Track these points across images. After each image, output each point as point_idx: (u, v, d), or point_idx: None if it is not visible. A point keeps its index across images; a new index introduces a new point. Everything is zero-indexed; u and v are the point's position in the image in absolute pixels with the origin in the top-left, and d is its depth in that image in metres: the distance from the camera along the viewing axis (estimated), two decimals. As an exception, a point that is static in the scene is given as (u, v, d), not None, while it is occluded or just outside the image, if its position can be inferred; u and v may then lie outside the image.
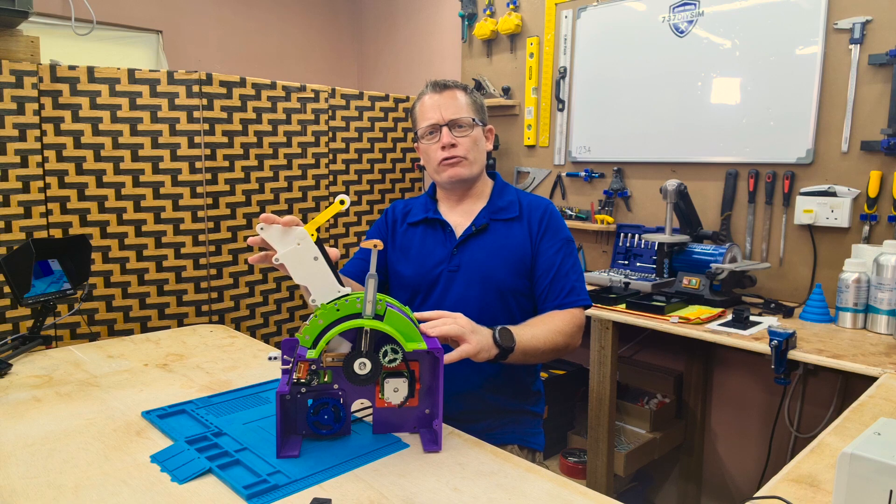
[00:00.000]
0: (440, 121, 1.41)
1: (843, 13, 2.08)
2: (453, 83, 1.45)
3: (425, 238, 1.48)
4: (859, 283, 1.85)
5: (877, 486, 0.67)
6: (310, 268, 1.04)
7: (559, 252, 1.41)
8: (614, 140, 2.72)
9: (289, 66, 3.73)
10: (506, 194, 1.49)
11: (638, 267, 2.50)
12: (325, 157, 2.86)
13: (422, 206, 1.53)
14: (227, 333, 1.81)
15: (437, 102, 1.42)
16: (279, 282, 2.74)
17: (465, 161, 1.42)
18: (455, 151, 1.41)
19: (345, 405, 1.09)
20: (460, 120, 1.41)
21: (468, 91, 1.47)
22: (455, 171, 1.42)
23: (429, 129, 1.43)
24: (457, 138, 1.41)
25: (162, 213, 2.38)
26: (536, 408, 1.51)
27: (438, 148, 1.41)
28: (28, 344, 1.60)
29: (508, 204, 1.46)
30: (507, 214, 1.45)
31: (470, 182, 1.46)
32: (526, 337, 1.23)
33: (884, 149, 2.00)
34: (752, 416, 2.42)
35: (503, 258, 1.41)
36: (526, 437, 1.48)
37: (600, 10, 2.72)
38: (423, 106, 1.45)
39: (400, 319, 1.03)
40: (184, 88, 2.37)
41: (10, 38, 2.12)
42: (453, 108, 1.41)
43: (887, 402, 1.29)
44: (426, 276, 1.45)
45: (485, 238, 1.43)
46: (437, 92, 1.43)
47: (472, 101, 1.46)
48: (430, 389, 1.09)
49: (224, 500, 0.91)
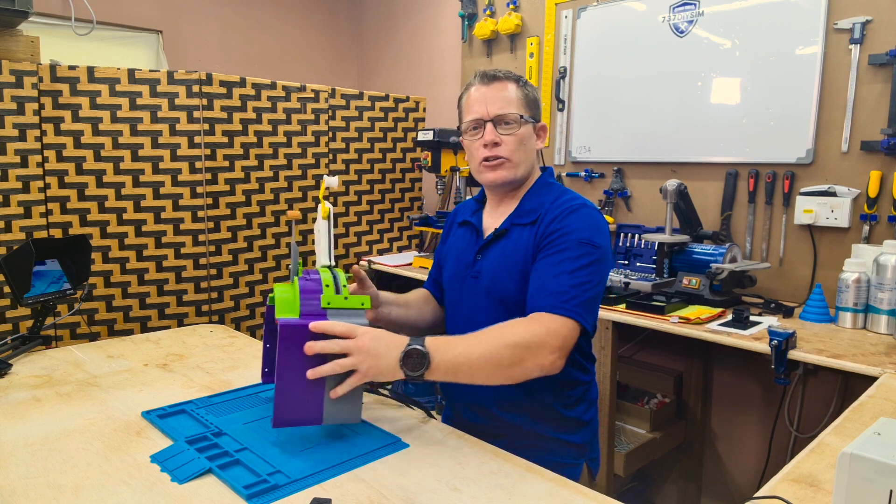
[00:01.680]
0: (485, 115, 1.27)
1: (843, 13, 2.08)
2: (505, 74, 1.30)
3: (463, 240, 1.40)
4: (859, 283, 1.85)
5: (877, 486, 0.67)
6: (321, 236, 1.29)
7: (561, 251, 1.19)
8: (614, 140, 2.72)
9: (289, 66, 3.73)
10: (541, 195, 1.31)
11: (638, 267, 2.50)
12: (325, 157, 2.86)
13: (470, 207, 1.45)
14: (227, 333, 1.81)
15: (484, 95, 1.28)
16: (279, 282, 2.74)
17: (508, 163, 1.28)
18: (498, 151, 1.27)
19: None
20: (507, 116, 1.26)
21: (521, 83, 1.31)
22: (496, 175, 1.29)
23: (472, 124, 1.29)
24: (501, 136, 1.27)
25: (162, 213, 2.38)
26: (575, 437, 1.30)
27: (481, 146, 1.28)
28: (28, 344, 1.60)
29: (536, 206, 1.29)
30: (528, 219, 1.28)
31: (514, 184, 1.32)
32: (452, 355, 1.05)
33: (884, 149, 2.00)
34: (752, 416, 2.42)
35: (510, 267, 1.27)
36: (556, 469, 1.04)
37: (600, 10, 2.72)
38: (470, 98, 1.31)
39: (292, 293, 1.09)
40: (184, 88, 2.37)
41: (10, 38, 2.12)
42: (501, 101, 1.27)
43: (887, 402, 1.29)
44: (456, 279, 1.38)
45: (501, 244, 1.30)
46: (485, 83, 1.29)
47: (524, 94, 1.30)
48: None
49: (224, 500, 0.90)
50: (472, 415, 1.34)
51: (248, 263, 2.62)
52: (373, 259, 2.98)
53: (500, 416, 1.30)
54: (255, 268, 2.65)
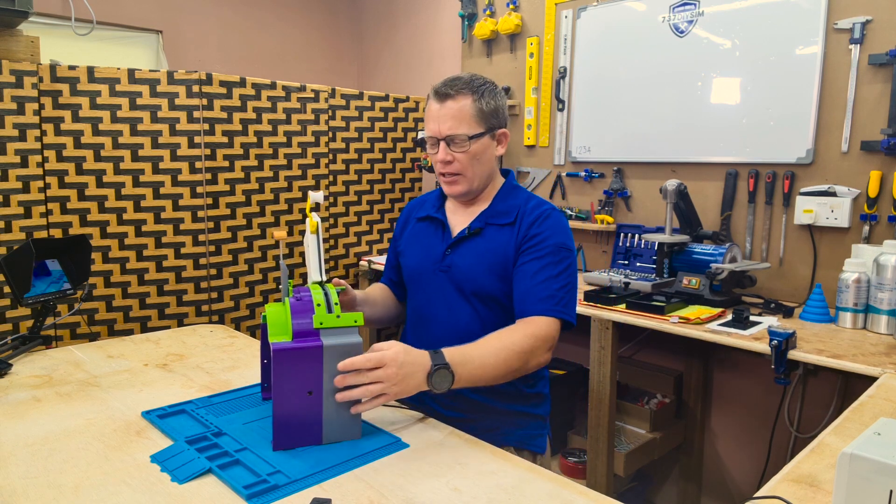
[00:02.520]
0: (437, 134, 1.35)
1: (843, 13, 2.08)
2: (458, 89, 1.34)
3: (427, 234, 1.49)
4: (859, 283, 1.85)
5: (877, 486, 0.67)
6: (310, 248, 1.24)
7: (544, 257, 1.32)
8: (614, 140, 2.72)
9: (289, 66, 3.73)
10: (511, 198, 1.42)
11: (638, 267, 2.50)
12: (325, 157, 2.86)
13: (431, 203, 1.53)
14: (227, 333, 1.81)
15: (437, 113, 1.34)
16: (279, 282, 2.74)
17: (463, 178, 1.37)
18: (451, 168, 1.36)
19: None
20: (456, 137, 1.33)
21: (477, 96, 1.35)
22: (452, 189, 1.40)
23: (430, 140, 1.38)
24: (454, 154, 1.35)
25: (162, 213, 2.38)
26: (538, 410, 1.48)
27: (437, 161, 1.38)
28: (28, 344, 1.60)
29: (509, 209, 1.40)
30: (504, 220, 1.39)
31: (472, 194, 1.42)
32: (471, 368, 1.14)
33: (884, 149, 2.00)
34: (752, 416, 2.42)
35: (488, 263, 1.36)
36: (526, 439, 1.44)
37: (600, 10, 2.72)
38: (428, 113, 1.38)
39: (279, 314, 1.08)
40: (184, 88, 2.37)
41: (10, 38, 2.12)
42: (451, 122, 1.33)
43: (887, 402, 1.29)
44: (423, 271, 1.45)
45: (476, 241, 1.40)
46: (438, 101, 1.35)
47: (479, 109, 1.34)
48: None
49: (224, 500, 0.91)
50: (447, 402, 1.39)
51: (248, 263, 2.62)
52: (372, 259, 2.98)
53: (474, 399, 1.39)
54: (255, 268, 2.65)
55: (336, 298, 1.11)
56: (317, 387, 1.04)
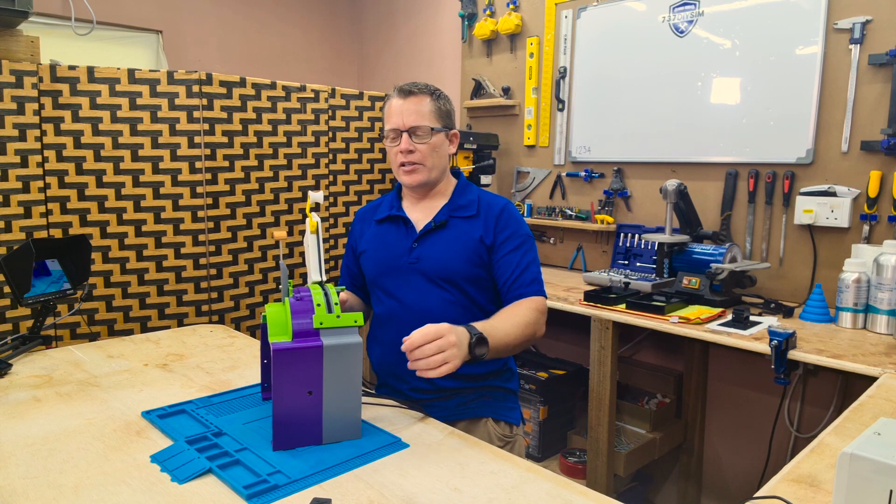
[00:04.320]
0: (401, 126, 1.46)
1: (843, 13, 2.08)
2: (420, 89, 1.49)
3: (388, 234, 1.56)
4: (859, 283, 1.85)
5: (877, 486, 0.67)
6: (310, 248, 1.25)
7: (520, 248, 1.49)
8: (614, 140, 2.72)
9: (289, 66, 3.73)
10: (467, 193, 1.55)
11: (638, 267, 2.50)
12: (325, 157, 2.86)
13: (388, 204, 1.60)
14: (227, 333, 1.81)
15: (401, 108, 1.47)
16: (279, 282, 2.74)
17: (422, 167, 1.48)
18: (412, 158, 1.47)
19: None
20: (419, 128, 1.46)
21: (434, 97, 1.50)
22: (412, 178, 1.49)
23: (391, 134, 1.49)
24: (415, 144, 1.46)
25: (162, 213, 2.38)
26: (510, 384, 1.57)
27: (398, 152, 1.48)
28: (28, 344, 1.60)
29: (468, 203, 1.53)
30: (467, 212, 1.51)
31: (429, 185, 1.53)
32: (499, 336, 1.27)
33: (884, 149, 2.00)
34: (752, 416, 2.42)
35: (460, 250, 1.47)
36: (500, 410, 1.53)
37: (600, 10, 2.72)
38: (390, 109, 1.50)
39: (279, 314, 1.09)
40: (184, 88, 2.37)
41: (10, 38, 2.12)
42: (415, 115, 1.46)
43: (887, 402, 1.29)
44: (389, 269, 1.52)
45: (443, 233, 1.50)
46: (402, 97, 1.47)
47: (437, 107, 1.49)
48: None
49: (224, 500, 0.91)
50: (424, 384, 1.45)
51: (248, 263, 2.62)
52: (373, 259, 2.98)
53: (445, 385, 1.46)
54: (255, 268, 2.65)
55: (336, 298, 1.12)
56: (317, 387, 1.04)
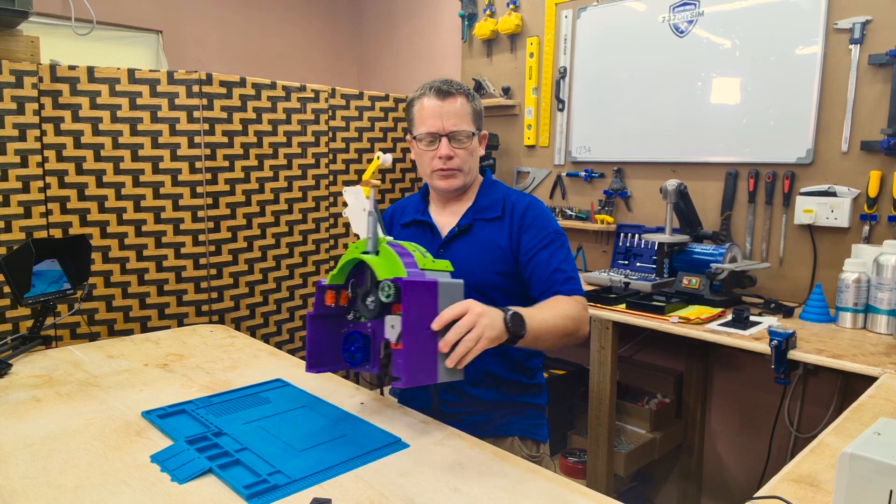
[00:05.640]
0: (440, 130, 1.39)
1: (843, 13, 2.08)
2: (457, 88, 1.42)
3: (415, 238, 1.49)
4: (859, 283, 1.85)
5: (877, 486, 0.67)
6: (362, 219, 1.16)
7: (549, 245, 1.40)
8: (614, 140, 2.72)
9: (289, 66, 3.73)
10: (491, 192, 1.49)
11: (638, 267, 2.50)
12: (325, 157, 2.86)
13: (413, 207, 1.55)
14: (227, 333, 1.81)
15: (439, 110, 1.39)
16: (279, 282, 2.74)
17: (460, 173, 1.43)
18: (452, 164, 1.41)
19: (373, 342, 1.12)
20: (459, 132, 1.40)
21: (470, 98, 1.44)
22: (449, 183, 1.44)
23: (427, 137, 1.41)
24: (455, 150, 1.40)
25: (162, 213, 2.38)
26: (538, 400, 1.51)
27: (435, 157, 1.41)
28: (28, 344, 1.60)
29: (492, 203, 1.46)
30: (490, 214, 1.45)
31: (463, 189, 1.48)
32: (537, 320, 1.19)
33: (884, 149, 2.00)
34: (752, 416, 2.42)
35: (485, 256, 1.41)
36: (528, 428, 1.47)
37: (600, 10, 2.72)
38: (423, 109, 1.41)
39: (390, 255, 1.08)
40: (184, 88, 2.37)
41: (10, 38, 2.11)
42: (455, 118, 1.39)
43: (887, 402, 1.29)
44: None
45: (468, 238, 1.44)
46: (439, 98, 1.40)
47: (474, 108, 1.44)
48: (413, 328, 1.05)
49: (224, 500, 0.91)
50: (452, 398, 1.42)
51: (248, 263, 2.62)
52: (373, 259, 2.98)
53: (476, 396, 1.42)
54: (255, 268, 2.65)
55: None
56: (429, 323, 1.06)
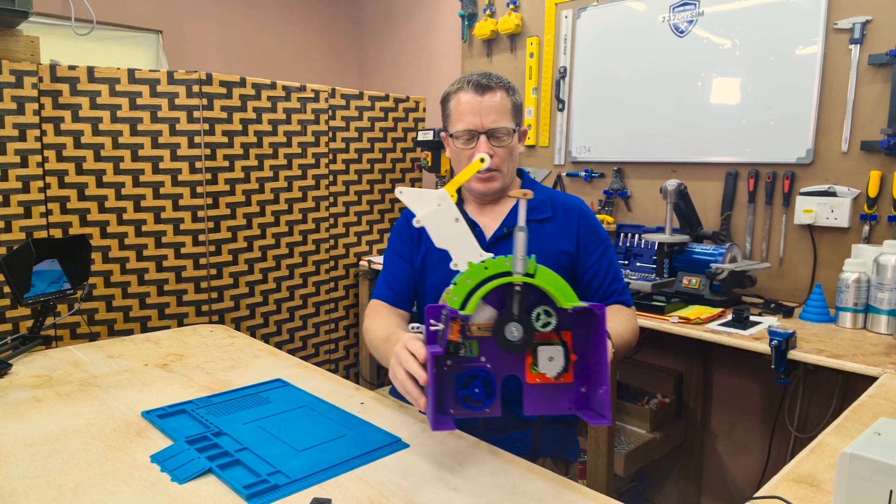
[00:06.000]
0: (479, 128, 1.30)
1: (843, 13, 2.08)
2: (496, 82, 1.32)
3: None
4: (859, 283, 1.85)
5: (877, 486, 0.67)
6: (451, 230, 0.98)
7: (604, 255, 1.37)
8: (614, 140, 2.72)
9: (289, 66, 3.73)
10: (536, 192, 1.39)
11: (638, 267, 2.50)
12: (325, 157, 2.86)
13: None
14: (227, 333, 1.81)
15: (478, 106, 1.30)
16: (279, 282, 2.74)
17: (499, 174, 1.34)
18: (491, 164, 1.30)
19: (495, 380, 0.98)
20: (499, 130, 1.31)
21: (510, 91, 1.34)
22: (488, 186, 1.35)
23: (464, 135, 1.32)
24: (494, 148, 1.31)
25: (162, 213, 2.38)
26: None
27: (473, 156, 1.27)
28: (28, 344, 1.60)
29: (539, 203, 1.37)
30: (539, 214, 1.36)
31: (502, 192, 1.39)
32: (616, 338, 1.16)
33: (884, 149, 2.00)
34: (752, 416, 2.42)
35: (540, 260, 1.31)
36: (559, 448, 1.41)
37: (600, 10, 2.72)
38: (461, 105, 1.32)
39: (553, 277, 0.95)
40: (184, 88, 2.37)
41: (10, 38, 2.12)
42: (495, 114, 1.30)
43: (887, 402, 1.29)
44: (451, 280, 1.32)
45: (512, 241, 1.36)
46: (478, 93, 1.30)
47: (514, 102, 1.34)
48: (588, 362, 0.96)
49: (224, 500, 0.91)
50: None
51: (248, 263, 2.62)
52: (373, 259, 2.98)
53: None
54: (255, 268, 2.65)
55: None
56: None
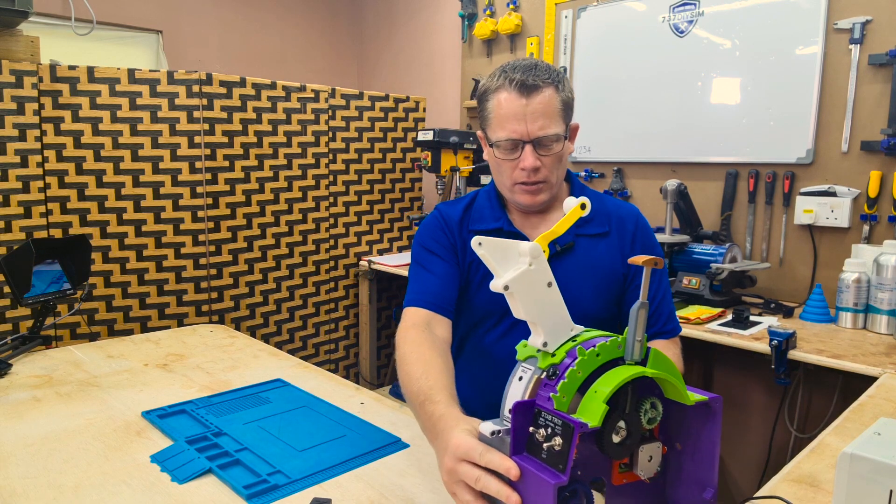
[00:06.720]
0: (525, 136, 1.11)
1: (843, 13, 2.08)
2: (544, 78, 1.12)
3: None
4: (859, 283, 1.85)
5: (877, 486, 0.67)
6: (542, 297, 0.75)
7: (662, 280, 1.21)
8: (614, 140, 2.72)
9: (289, 66, 3.73)
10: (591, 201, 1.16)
11: (638, 267, 2.50)
12: (325, 157, 2.86)
13: (490, 213, 1.24)
14: (227, 333, 1.81)
15: (523, 111, 1.11)
16: (279, 282, 2.74)
17: (546, 185, 1.16)
18: (537, 177, 1.13)
19: (591, 492, 0.73)
20: (546, 138, 1.12)
21: (560, 87, 1.14)
22: (534, 199, 1.17)
23: (507, 144, 1.13)
24: (541, 157, 1.13)
25: (162, 213, 2.38)
26: None
27: (517, 167, 1.14)
28: (28, 344, 1.60)
29: (594, 214, 1.19)
30: (595, 229, 1.20)
31: (549, 203, 1.21)
32: None
33: (884, 149, 2.00)
34: (752, 416, 2.42)
35: (592, 284, 1.16)
36: None
37: (600, 10, 2.72)
38: (502, 108, 1.13)
39: (667, 361, 0.74)
40: (184, 88, 2.37)
41: (10, 38, 2.12)
42: (542, 120, 1.11)
43: (887, 402, 1.28)
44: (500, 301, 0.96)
45: (570, 258, 1.17)
46: (524, 95, 1.11)
47: (564, 100, 1.15)
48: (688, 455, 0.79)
49: (224, 500, 0.91)
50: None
51: (248, 263, 2.62)
52: (373, 259, 2.98)
53: None
54: (255, 268, 2.65)
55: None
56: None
